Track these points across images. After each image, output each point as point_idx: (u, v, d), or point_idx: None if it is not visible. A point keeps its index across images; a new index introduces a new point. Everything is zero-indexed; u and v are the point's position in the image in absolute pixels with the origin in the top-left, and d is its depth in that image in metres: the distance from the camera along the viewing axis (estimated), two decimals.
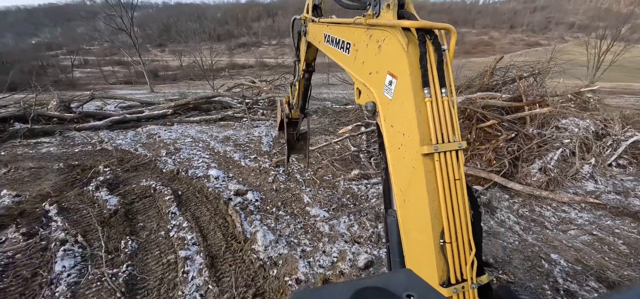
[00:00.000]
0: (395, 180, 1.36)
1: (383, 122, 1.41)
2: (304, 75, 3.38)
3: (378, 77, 1.42)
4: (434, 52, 1.23)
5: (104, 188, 5.31)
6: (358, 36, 1.61)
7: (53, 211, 4.58)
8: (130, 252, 3.77)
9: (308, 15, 2.72)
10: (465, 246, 1.21)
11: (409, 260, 1.33)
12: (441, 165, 1.19)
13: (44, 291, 3.20)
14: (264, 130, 9.70)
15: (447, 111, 1.23)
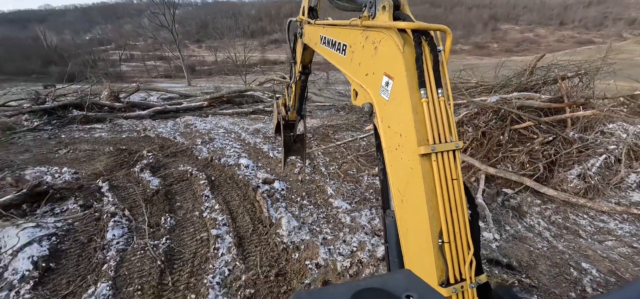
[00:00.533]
0: (393, 181, 1.38)
1: (380, 122, 1.42)
2: (300, 77, 3.37)
3: (374, 78, 1.43)
4: (430, 53, 1.25)
5: (147, 170, 5.86)
6: (354, 38, 1.62)
7: (105, 187, 5.17)
8: (169, 227, 4.19)
9: (304, 17, 2.74)
10: (464, 246, 1.23)
11: (408, 260, 1.35)
12: (438, 165, 1.20)
13: (97, 254, 3.68)
14: None
15: (444, 111, 1.24)
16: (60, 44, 52.85)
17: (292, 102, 3.77)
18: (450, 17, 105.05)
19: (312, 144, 7.81)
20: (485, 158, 6.23)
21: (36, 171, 6.29)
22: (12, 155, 7.28)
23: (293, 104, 3.80)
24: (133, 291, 3.10)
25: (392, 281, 0.50)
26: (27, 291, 3.15)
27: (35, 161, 6.81)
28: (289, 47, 3.29)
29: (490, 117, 6.99)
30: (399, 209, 1.36)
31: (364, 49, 1.51)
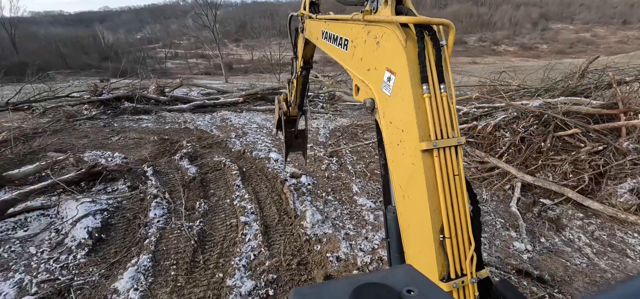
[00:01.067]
0: (395, 176, 1.36)
1: (382, 118, 1.40)
2: (301, 72, 3.30)
3: (376, 74, 1.41)
4: (433, 47, 1.23)
5: (186, 159, 6.33)
6: (356, 32, 1.60)
7: (149, 172, 5.68)
8: (203, 212, 4.52)
9: (305, 12, 2.69)
10: (465, 241, 1.22)
11: (409, 256, 1.35)
12: (440, 161, 1.19)
13: (140, 230, 4.09)
14: (322, 123, 10.13)
15: (446, 107, 1.23)
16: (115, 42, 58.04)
17: (294, 97, 3.70)
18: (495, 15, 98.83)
19: (341, 142, 7.89)
20: (522, 165, 5.88)
21: (93, 154, 7.08)
22: (74, 139, 8.23)
23: (294, 100, 3.73)
24: (169, 265, 3.42)
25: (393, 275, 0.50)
26: (82, 256, 3.60)
27: (92, 146, 7.65)
28: (291, 42, 3.24)
29: (531, 122, 6.58)
30: (400, 204, 1.36)
31: (365, 44, 1.50)
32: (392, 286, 0.46)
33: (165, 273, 3.32)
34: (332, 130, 9.27)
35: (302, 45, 2.99)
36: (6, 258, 3.67)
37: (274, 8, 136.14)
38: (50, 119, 10.40)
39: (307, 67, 3.30)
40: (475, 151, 6.35)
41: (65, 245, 3.80)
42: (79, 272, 3.42)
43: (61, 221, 4.27)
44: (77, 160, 5.74)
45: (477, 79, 13.19)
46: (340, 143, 7.83)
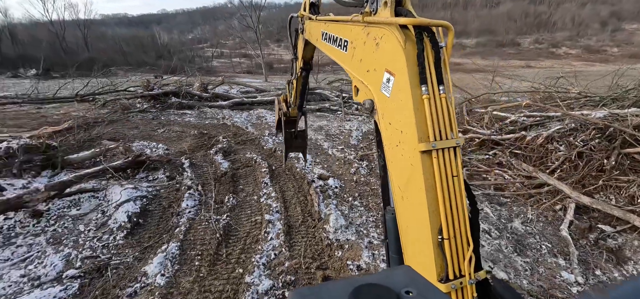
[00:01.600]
0: (394, 177, 1.36)
1: (381, 119, 1.41)
2: (301, 73, 3.31)
3: (376, 75, 1.41)
4: (432, 49, 1.23)
5: (220, 153, 6.60)
6: (356, 34, 1.61)
7: (186, 164, 6.01)
8: (231, 206, 4.65)
9: (305, 13, 2.70)
10: (463, 242, 1.22)
11: (408, 257, 1.35)
12: (439, 162, 1.19)
13: (173, 218, 4.32)
14: (355, 125, 9.98)
15: (445, 108, 1.23)
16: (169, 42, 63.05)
17: (293, 98, 3.72)
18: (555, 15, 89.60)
19: (373, 145, 7.67)
20: (578, 184, 5.20)
21: (140, 144, 7.70)
22: (126, 129, 9.04)
23: (294, 100, 3.75)
24: (194, 255, 3.56)
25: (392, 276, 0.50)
26: (121, 238, 3.90)
27: (140, 136, 8.33)
28: (290, 43, 3.26)
29: (592, 135, 5.80)
30: (399, 205, 1.36)
31: (365, 45, 1.51)
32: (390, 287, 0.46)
33: (190, 262, 3.46)
34: (366, 133, 9.06)
35: (302, 46, 3.01)
36: (60, 232, 4.10)
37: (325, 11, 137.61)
38: (108, 110, 11.56)
39: (306, 68, 3.31)
40: (521, 164, 5.76)
41: (108, 226, 4.15)
42: (117, 252, 3.70)
43: (107, 204, 4.69)
44: (126, 149, 6.28)
45: (529, 84, 12.01)
46: (373, 147, 7.61)
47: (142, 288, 3.10)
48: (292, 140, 4.47)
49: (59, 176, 5.40)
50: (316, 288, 0.49)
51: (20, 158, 5.20)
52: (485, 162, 6.24)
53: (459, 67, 36.62)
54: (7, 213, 4.28)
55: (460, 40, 72.82)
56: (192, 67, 23.36)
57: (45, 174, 5.41)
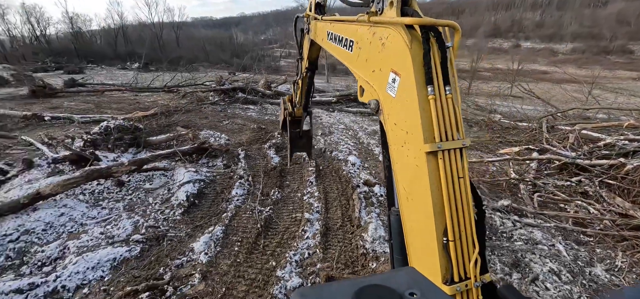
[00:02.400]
0: (399, 178, 1.36)
1: (386, 119, 1.40)
2: (306, 73, 3.28)
3: (381, 75, 1.41)
4: (438, 49, 1.20)
5: (273, 149, 6.92)
6: (361, 34, 1.59)
7: (242, 155, 6.46)
8: (275, 200, 4.84)
9: (311, 13, 2.67)
10: (469, 245, 1.21)
11: (412, 258, 1.34)
12: (445, 163, 1.18)
13: (222, 203, 4.68)
14: None
15: (451, 109, 1.21)
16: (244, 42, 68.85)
17: (299, 98, 3.73)
18: None
19: None
20: None
21: (206, 133, 8.53)
22: (198, 119, 10.12)
23: (299, 100, 3.76)
24: (235, 241, 3.79)
25: (396, 278, 0.50)
26: (179, 214, 4.37)
27: (208, 126, 9.25)
28: (296, 43, 3.25)
29: None
30: (404, 206, 1.35)
31: (371, 45, 1.49)
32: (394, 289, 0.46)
33: (231, 246, 3.70)
34: None
35: (308, 47, 3.00)
36: (134, 201, 4.79)
37: None
38: (187, 101, 13.11)
39: (312, 68, 3.30)
40: (615, 198, 4.72)
41: (170, 202, 4.69)
42: (174, 226, 4.16)
43: (172, 183, 5.31)
44: (194, 136, 7.03)
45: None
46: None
47: (188, 262, 3.42)
48: (297, 139, 4.50)
49: (141, 154, 6.32)
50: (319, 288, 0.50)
51: (114, 136, 6.22)
52: (566, 190, 5.29)
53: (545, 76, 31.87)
54: (99, 180, 5.16)
55: (550, 46, 63.35)
56: (260, 65, 25.06)
57: (131, 151, 6.38)
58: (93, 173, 4.79)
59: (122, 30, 49.37)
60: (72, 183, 4.56)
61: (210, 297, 2.93)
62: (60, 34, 51.69)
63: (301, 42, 3.24)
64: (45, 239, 3.91)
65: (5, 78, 19.89)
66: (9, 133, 8.56)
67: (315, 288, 0.49)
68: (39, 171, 5.40)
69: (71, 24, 49.41)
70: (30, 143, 6.84)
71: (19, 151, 7.07)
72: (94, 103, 12.83)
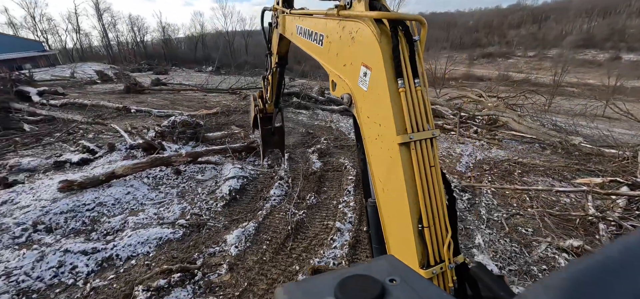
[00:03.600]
0: (374, 169, 1.39)
1: (359, 112, 1.42)
2: (276, 68, 3.21)
3: (352, 69, 1.42)
4: (406, 43, 1.23)
5: (316, 154, 6.99)
6: (331, 28, 1.59)
7: (286, 157, 6.66)
8: (309, 205, 4.86)
9: (279, 7, 2.58)
10: (442, 229, 1.26)
11: (390, 246, 1.39)
12: (417, 153, 1.21)
13: (260, 201, 4.87)
14: (468, 149, 8.65)
15: (421, 100, 1.25)
16: None
17: (269, 94, 3.66)
18: None
19: (485, 178, 6.45)
20: None
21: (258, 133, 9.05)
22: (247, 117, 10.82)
23: (270, 96, 3.68)
24: (265, 238, 3.90)
25: (376, 266, 0.51)
26: (220, 207, 4.69)
27: None
28: (264, 38, 3.16)
29: None
30: (380, 197, 1.38)
31: (341, 39, 1.50)
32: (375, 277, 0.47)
33: (260, 244, 3.81)
34: (479, 161, 7.72)
35: (277, 41, 2.94)
36: (186, 190, 5.29)
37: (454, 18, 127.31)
38: (246, 103, 14.16)
39: (282, 63, 3.24)
40: None
41: (215, 194, 5.06)
42: (214, 217, 4.47)
43: (220, 177, 5.73)
44: (245, 135, 7.50)
45: None
46: (483, 179, 6.41)
47: (219, 252, 3.64)
48: (270, 136, 4.38)
49: (198, 147, 6.98)
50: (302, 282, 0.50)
51: (178, 130, 7.00)
52: None
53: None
54: (161, 167, 5.84)
55: None
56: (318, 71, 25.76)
57: (191, 144, 7.09)
58: (156, 160, 5.44)
59: (201, 37, 55.68)
60: (139, 168, 5.25)
61: (233, 289, 3.06)
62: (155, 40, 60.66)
63: (270, 37, 3.18)
64: (113, 212, 4.55)
65: (109, 76, 23.91)
66: (104, 121, 10.29)
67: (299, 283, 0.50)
68: (118, 154, 6.35)
69: (162, 32, 57.67)
70: (117, 131, 8.10)
71: (108, 136, 8.44)
72: (170, 100, 14.65)
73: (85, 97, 15.39)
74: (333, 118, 11.49)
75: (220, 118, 9.94)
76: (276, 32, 2.99)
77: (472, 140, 9.65)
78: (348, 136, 9.12)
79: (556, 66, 45.69)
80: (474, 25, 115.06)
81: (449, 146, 8.97)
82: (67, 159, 6.13)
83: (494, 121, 10.39)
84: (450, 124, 10.99)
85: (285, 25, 2.58)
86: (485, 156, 8.15)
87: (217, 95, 16.61)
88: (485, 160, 7.80)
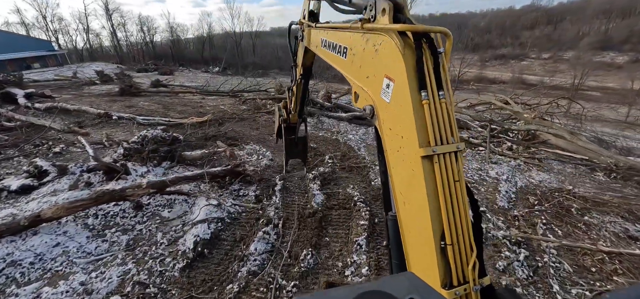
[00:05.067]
0: (395, 182, 1.36)
1: (382, 124, 1.42)
2: (301, 80, 3.34)
3: (375, 81, 1.43)
4: (430, 55, 1.23)
5: (318, 181, 5.53)
6: (355, 40, 1.62)
7: (278, 186, 5.24)
8: (304, 269, 3.42)
9: (305, 21, 2.71)
10: (467, 248, 1.21)
11: (410, 262, 1.33)
12: (440, 166, 1.19)
13: (235, 262, 3.45)
14: (504, 171, 7.07)
15: (445, 113, 1.23)
16: None
17: (293, 104, 3.75)
18: None
19: (538, 220, 4.89)
20: None
21: (252, 147, 7.67)
22: (249, 129, 9.45)
23: (294, 107, 3.77)
24: None
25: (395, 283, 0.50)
26: (178, 269, 3.30)
27: (256, 139, 8.41)
28: (290, 51, 3.26)
29: None
30: (401, 211, 1.36)
31: (364, 52, 1.52)
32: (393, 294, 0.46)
33: None
34: (521, 188, 6.17)
35: (302, 54, 3.00)
36: (141, 236, 3.93)
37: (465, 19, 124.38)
38: (246, 107, 12.84)
39: (306, 75, 3.33)
40: None
41: (177, 246, 3.69)
42: (165, 290, 3.08)
43: (190, 215, 4.35)
44: (231, 154, 6.11)
45: None
46: (536, 220, 4.87)
47: None
48: (292, 146, 4.46)
49: (173, 170, 5.64)
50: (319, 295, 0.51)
51: (148, 148, 5.67)
52: None
53: None
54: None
55: None
56: (326, 73, 24.35)
57: (165, 165, 5.75)
58: (103, 196, 4.10)
59: (209, 37, 55.01)
60: (77, 207, 3.92)
61: None
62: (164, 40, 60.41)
63: (296, 50, 3.24)
64: (28, 277, 3.22)
65: (110, 77, 23.01)
66: (82, 129, 9.11)
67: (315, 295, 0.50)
68: (69, 179, 5.05)
69: (171, 32, 57.26)
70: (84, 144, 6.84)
71: (78, 150, 7.22)
72: (164, 104, 13.44)
73: (78, 99, 14.38)
74: (340, 128, 10.02)
75: (210, 128, 8.62)
76: (302, 45, 3.04)
77: (506, 159, 8.05)
78: (358, 153, 7.66)
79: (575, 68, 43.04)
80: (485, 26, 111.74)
81: (480, 166, 7.42)
82: (5, 187, 4.86)
83: (532, 136, 8.73)
84: (478, 137, 9.40)
85: (311, 38, 2.62)
86: (527, 182, 6.58)
87: (217, 99, 15.37)
88: (530, 188, 6.24)
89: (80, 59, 51.66)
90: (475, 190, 6.11)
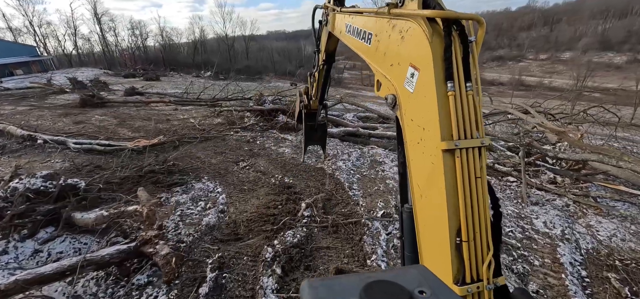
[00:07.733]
0: (413, 174, 1.32)
1: (403, 115, 1.36)
2: (323, 66, 3.30)
3: (400, 69, 1.36)
4: (460, 44, 1.16)
5: (279, 264, 3.41)
6: (380, 26, 1.55)
7: (210, 277, 3.12)
8: None
9: (330, 5, 2.61)
10: (483, 246, 1.17)
11: (423, 256, 1.32)
12: (462, 161, 1.13)
13: None
14: (556, 221, 4.98)
15: (472, 106, 1.16)
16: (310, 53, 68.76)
17: (315, 90, 3.73)
18: None
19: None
20: None
21: (205, 185, 5.61)
22: (212, 153, 7.32)
23: (315, 93, 3.76)
24: None
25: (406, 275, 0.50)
26: None
27: (215, 171, 6.29)
28: (314, 35, 3.17)
29: None
30: (417, 203, 1.32)
31: (390, 38, 1.45)
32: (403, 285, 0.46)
33: None
34: (590, 255, 4.12)
35: (326, 39, 2.92)
36: None
37: None
38: (221, 120, 10.76)
39: (329, 61, 3.28)
40: None
41: None
42: None
43: None
44: (149, 213, 3.89)
45: None
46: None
47: None
48: (312, 133, 4.36)
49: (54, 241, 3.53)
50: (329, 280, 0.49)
51: (13, 211, 3.54)
52: None
53: None
54: None
55: None
56: None
57: (41, 235, 3.64)
58: None
59: (200, 42, 53.01)
60: None
61: None
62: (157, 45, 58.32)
63: (319, 34, 3.09)
64: None
65: (84, 83, 20.87)
66: None
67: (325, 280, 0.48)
68: None
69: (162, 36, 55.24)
70: None
71: None
72: (123, 118, 11.31)
73: (26, 114, 12.27)
74: (329, 148, 7.87)
75: (160, 154, 6.52)
76: (325, 30, 2.83)
77: (550, 196, 5.95)
78: (349, 194, 5.59)
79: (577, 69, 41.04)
80: None
81: (518, 210, 5.35)
82: None
83: (583, 163, 6.60)
84: (506, 163, 7.27)
85: (335, 23, 2.47)
86: (593, 243, 4.50)
87: (191, 109, 13.28)
88: (603, 255, 4.19)
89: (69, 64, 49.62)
90: (526, 260, 4.00)
